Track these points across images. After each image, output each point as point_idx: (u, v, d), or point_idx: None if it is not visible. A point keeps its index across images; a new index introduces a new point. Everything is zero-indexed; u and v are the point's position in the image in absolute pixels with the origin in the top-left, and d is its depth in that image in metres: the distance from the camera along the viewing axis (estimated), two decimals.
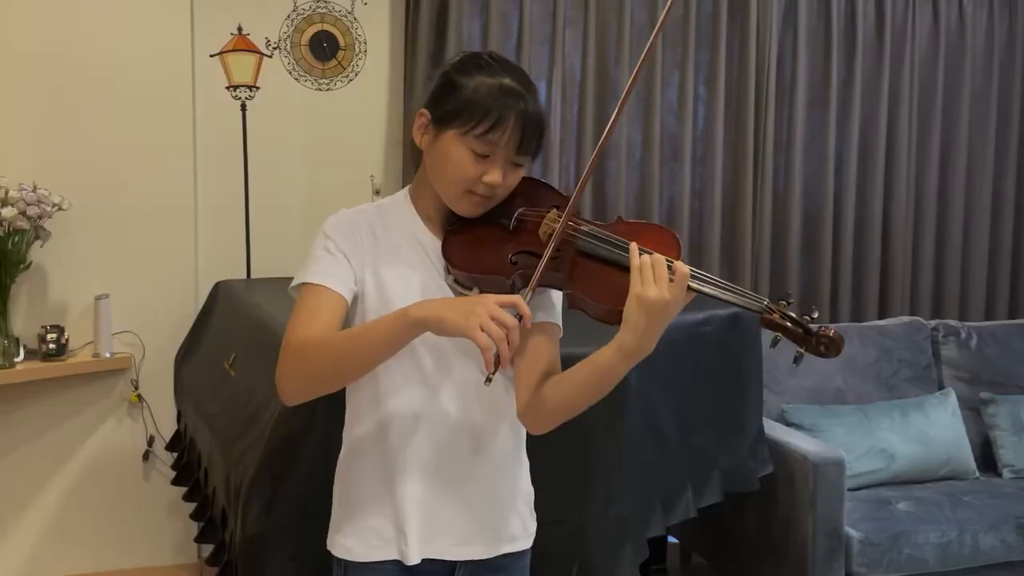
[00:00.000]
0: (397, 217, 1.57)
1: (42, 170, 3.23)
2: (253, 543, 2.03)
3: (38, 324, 3.27)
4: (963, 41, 4.20)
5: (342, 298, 1.48)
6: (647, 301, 1.35)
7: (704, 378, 2.71)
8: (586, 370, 1.44)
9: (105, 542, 3.49)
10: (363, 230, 1.54)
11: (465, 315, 1.32)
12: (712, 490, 2.73)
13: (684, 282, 1.36)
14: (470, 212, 1.52)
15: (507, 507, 1.59)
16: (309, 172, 3.66)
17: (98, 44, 3.34)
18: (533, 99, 1.49)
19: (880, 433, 3.36)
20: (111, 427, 3.48)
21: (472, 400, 1.52)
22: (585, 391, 1.46)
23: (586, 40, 3.76)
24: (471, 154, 1.47)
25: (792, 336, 1.41)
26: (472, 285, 1.50)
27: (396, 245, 1.53)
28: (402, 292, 1.49)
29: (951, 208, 4.25)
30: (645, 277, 1.36)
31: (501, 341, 1.31)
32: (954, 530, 3.03)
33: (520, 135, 1.47)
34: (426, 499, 1.52)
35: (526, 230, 1.51)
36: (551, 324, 1.55)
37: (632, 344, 1.37)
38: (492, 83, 1.47)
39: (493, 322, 1.31)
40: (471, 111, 1.46)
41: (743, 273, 3.94)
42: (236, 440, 2.27)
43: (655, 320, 1.36)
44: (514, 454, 1.60)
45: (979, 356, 3.81)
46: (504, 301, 1.34)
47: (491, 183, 1.47)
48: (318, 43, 3.63)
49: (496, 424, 1.55)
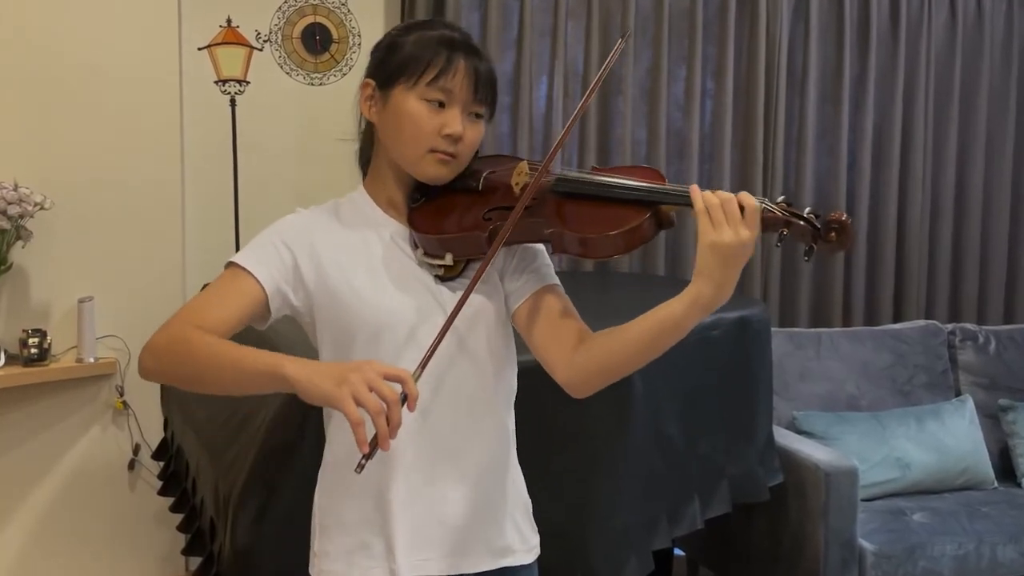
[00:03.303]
0: (353, 213, 1.55)
1: (23, 168, 3.24)
2: (243, 555, 2.03)
3: (19, 328, 3.28)
4: (981, 34, 4.21)
5: (260, 290, 1.44)
6: (723, 246, 1.27)
7: (712, 384, 2.72)
8: (649, 324, 1.37)
9: (89, 554, 3.50)
10: (316, 230, 1.52)
11: (337, 382, 1.22)
12: (720, 500, 2.73)
13: (757, 216, 1.29)
14: (436, 175, 1.49)
15: (500, 518, 1.56)
16: (301, 169, 3.67)
17: (81, 37, 3.35)
18: (485, 56, 1.48)
19: (895, 441, 3.37)
20: (95, 435, 3.48)
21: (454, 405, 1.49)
22: (650, 345, 1.38)
23: (589, 32, 3.77)
24: (426, 105, 1.44)
25: (798, 231, 1.32)
26: (443, 251, 1.47)
27: (352, 238, 1.51)
28: (368, 282, 1.47)
29: (969, 207, 4.25)
30: (716, 220, 1.28)
31: (378, 415, 1.20)
32: (972, 542, 3.03)
33: (474, 78, 1.44)
34: (411, 513, 1.49)
35: (497, 188, 1.49)
36: (553, 286, 1.52)
37: (710, 295, 1.30)
38: (433, 34, 1.47)
39: (371, 393, 1.21)
40: (416, 61, 1.44)
41: (752, 273, 3.95)
42: (225, 448, 2.27)
43: (734, 265, 1.29)
44: (502, 461, 1.57)
45: (998, 361, 3.82)
46: (389, 373, 1.24)
47: (453, 133, 1.44)
48: (310, 36, 3.64)
49: (481, 430, 1.52)
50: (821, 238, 1.31)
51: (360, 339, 1.45)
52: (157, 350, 1.41)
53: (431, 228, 1.47)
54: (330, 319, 1.48)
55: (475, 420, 1.52)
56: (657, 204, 1.40)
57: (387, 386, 1.22)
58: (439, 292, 1.49)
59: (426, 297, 1.49)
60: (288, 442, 2.02)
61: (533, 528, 1.63)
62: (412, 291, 1.47)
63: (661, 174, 1.45)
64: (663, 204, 1.40)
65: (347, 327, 1.46)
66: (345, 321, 1.47)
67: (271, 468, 2.03)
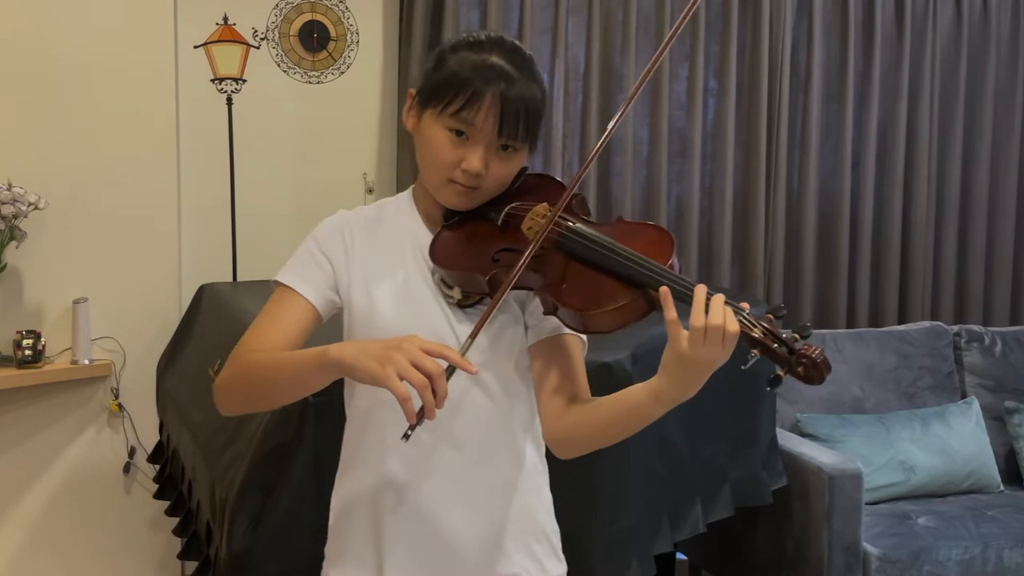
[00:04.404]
0: (395, 217, 1.55)
1: (17, 167, 3.24)
2: (239, 560, 2.03)
3: (13, 329, 3.28)
4: (987, 31, 4.21)
5: (310, 305, 1.47)
6: (691, 361, 1.27)
7: (715, 386, 2.70)
8: (616, 408, 1.38)
9: (84, 558, 3.50)
10: (353, 232, 1.52)
11: (381, 361, 1.24)
12: (723, 504, 2.73)
13: (735, 340, 1.27)
14: (455, 203, 1.47)
15: (505, 543, 1.51)
16: (298, 169, 3.67)
17: (75, 34, 3.35)
18: (523, 81, 1.42)
19: (900, 444, 3.37)
20: (90, 438, 3.48)
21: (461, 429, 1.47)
22: (614, 429, 1.41)
23: (590, 29, 3.77)
24: (449, 136, 1.42)
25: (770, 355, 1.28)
26: (453, 284, 1.46)
27: (386, 246, 1.51)
28: (386, 294, 1.47)
29: (974, 207, 4.25)
30: (693, 339, 1.26)
31: (424, 389, 1.22)
32: (977, 546, 3.03)
33: (499, 115, 1.40)
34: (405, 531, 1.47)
35: (512, 226, 1.46)
36: (572, 336, 1.48)
37: (674, 394, 1.32)
38: (475, 59, 1.42)
39: (415, 369, 1.23)
40: (447, 87, 1.41)
41: (755, 275, 3.95)
42: (222, 452, 2.27)
43: (700, 376, 1.30)
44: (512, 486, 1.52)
45: (1004, 363, 3.82)
46: (431, 349, 1.25)
47: (468, 169, 1.42)
48: (308, 33, 3.64)
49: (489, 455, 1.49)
50: (791, 369, 1.27)
51: None
52: (225, 385, 1.48)
53: (443, 260, 1.46)
54: (348, 323, 1.52)
55: (483, 445, 1.49)
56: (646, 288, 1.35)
57: (431, 360, 1.23)
58: (454, 319, 1.48)
59: (441, 323, 1.48)
60: (285, 446, 2.02)
61: (556, 556, 1.59)
62: (428, 315, 1.47)
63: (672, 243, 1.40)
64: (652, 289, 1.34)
65: (360, 335, 1.48)
66: (359, 328, 1.49)
67: (268, 472, 2.03)
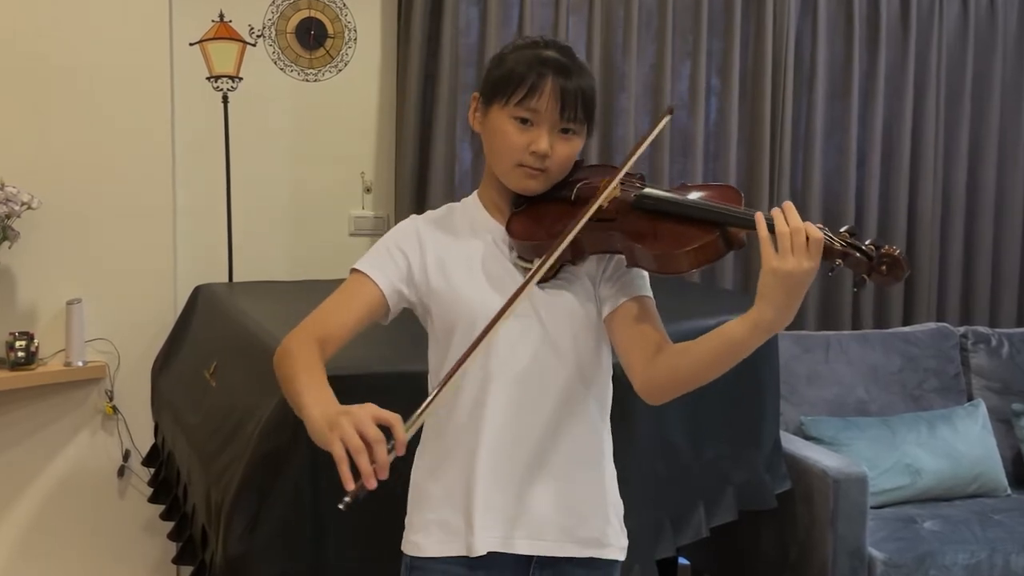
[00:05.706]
0: (463, 213, 1.73)
1: (10, 167, 3.24)
2: (235, 564, 2.03)
3: (6, 331, 3.27)
4: (994, 27, 4.21)
5: (379, 293, 1.63)
6: (783, 273, 1.39)
7: (717, 388, 2.69)
8: (715, 342, 1.49)
9: (78, 563, 3.50)
10: (426, 228, 1.70)
11: (331, 425, 1.34)
12: (726, 507, 2.73)
13: (820, 247, 1.39)
14: (525, 187, 1.64)
15: (586, 512, 1.67)
16: (295, 168, 3.67)
17: (69, 32, 3.35)
18: (577, 70, 1.61)
19: (905, 447, 3.37)
20: (84, 440, 3.48)
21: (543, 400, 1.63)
22: (714, 364, 1.51)
23: (591, 28, 3.77)
24: (515, 123, 1.60)
25: (852, 262, 1.42)
26: (533, 255, 1.61)
27: (460, 235, 1.69)
28: (465, 279, 1.64)
29: (981, 206, 4.25)
30: (781, 248, 1.39)
31: (358, 453, 1.30)
32: (984, 551, 3.04)
33: (560, 98, 1.58)
34: (493, 497, 1.61)
35: (584, 198, 1.63)
36: (642, 297, 1.64)
37: (771, 318, 1.42)
38: (532, 54, 1.62)
39: (355, 435, 1.31)
40: (508, 81, 1.60)
41: (757, 275, 3.94)
42: (217, 455, 2.27)
43: (795, 291, 1.40)
44: (592, 461, 1.69)
45: (1011, 365, 3.82)
46: (381, 417, 1.34)
47: (538, 151, 1.59)
48: (305, 31, 3.64)
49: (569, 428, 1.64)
50: (874, 270, 1.41)
51: (459, 330, 1.62)
52: (279, 357, 1.57)
53: (523, 234, 1.64)
54: (435, 313, 1.67)
55: (563, 418, 1.64)
56: (726, 225, 1.53)
57: (373, 428, 1.32)
58: (532, 292, 1.62)
59: None
60: (281, 449, 2.02)
61: (624, 530, 1.74)
62: (506, 289, 1.60)
63: (739, 195, 1.57)
64: (732, 226, 1.52)
65: (447, 320, 1.64)
66: (446, 315, 1.64)
67: (264, 476, 2.03)
